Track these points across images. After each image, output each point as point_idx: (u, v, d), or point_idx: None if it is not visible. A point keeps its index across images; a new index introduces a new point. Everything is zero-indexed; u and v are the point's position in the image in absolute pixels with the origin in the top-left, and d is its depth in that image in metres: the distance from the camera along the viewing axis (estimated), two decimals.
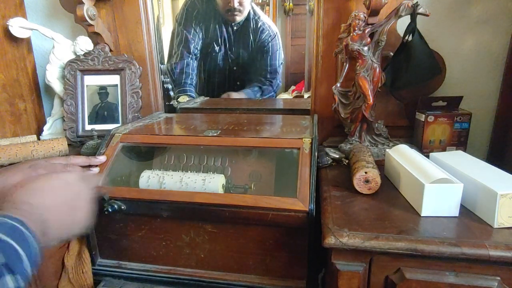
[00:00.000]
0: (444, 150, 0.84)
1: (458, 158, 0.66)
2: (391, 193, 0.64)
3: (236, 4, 1.44)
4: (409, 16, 0.78)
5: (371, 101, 0.78)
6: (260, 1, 1.87)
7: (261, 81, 1.57)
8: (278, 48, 1.57)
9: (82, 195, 0.54)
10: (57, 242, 0.48)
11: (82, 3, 0.92)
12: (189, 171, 0.76)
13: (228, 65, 1.60)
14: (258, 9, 1.55)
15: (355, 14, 0.78)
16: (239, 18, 1.50)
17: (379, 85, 0.80)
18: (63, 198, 0.51)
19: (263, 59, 1.56)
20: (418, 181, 0.56)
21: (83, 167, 0.72)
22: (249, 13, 1.51)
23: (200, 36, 1.52)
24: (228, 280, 0.69)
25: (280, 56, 1.58)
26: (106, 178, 0.73)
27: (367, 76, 0.78)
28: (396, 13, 0.77)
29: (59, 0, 1.02)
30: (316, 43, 0.92)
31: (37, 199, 0.47)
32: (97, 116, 1.01)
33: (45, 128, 1.05)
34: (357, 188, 0.64)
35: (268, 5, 1.85)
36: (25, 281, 0.38)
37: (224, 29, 1.53)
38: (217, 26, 1.52)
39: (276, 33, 1.57)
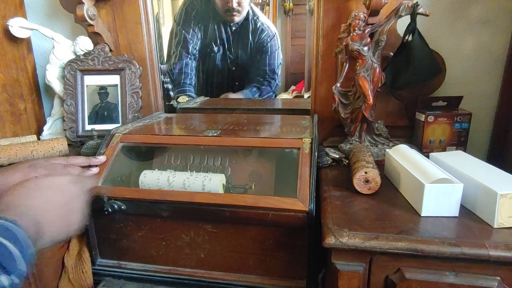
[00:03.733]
0: (444, 150, 0.84)
1: (458, 158, 0.66)
2: (391, 193, 0.64)
3: (234, 5, 1.44)
4: (409, 16, 0.78)
5: (371, 101, 0.78)
6: (260, 1, 1.87)
7: (259, 81, 1.57)
8: (277, 48, 1.57)
9: (76, 197, 0.55)
10: (51, 243, 0.49)
11: (82, 3, 0.92)
12: (189, 171, 0.76)
13: (227, 66, 1.60)
14: (257, 10, 1.55)
15: (355, 14, 0.78)
16: (238, 18, 1.50)
17: (379, 85, 0.80)
18: (57, 200, 0.51)
19: (262, 59, 1.56)
20: (418, 181, 0.56)
21: (83, 167, 0.72)
22: (248, 13, 1.51)
23: (199, 36, 1.52)
24: (228, 280, 0.69)
25: (278, 56, 1.58)
26: (106, 178, 0.73)
27: (367, 76, 0.78)
28: (396, 13, 0.77)
29: (59, 0, 1.02)
30: (316, 43, 0.92)
31: (31, 200, 0.48)
32: (97, 116, 1.01)
33: (45, 128, 1.05)
34: (357, 188, 0.64)
35: (268, 5, 1.85)
36: (20, 279, 0.38)
37: (223, 30, 1.53)
38: (216, 27, 1.52)
39: (275, 33, 1.56)
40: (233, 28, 1.53)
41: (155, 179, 0.72)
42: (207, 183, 0.70)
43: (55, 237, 0.49)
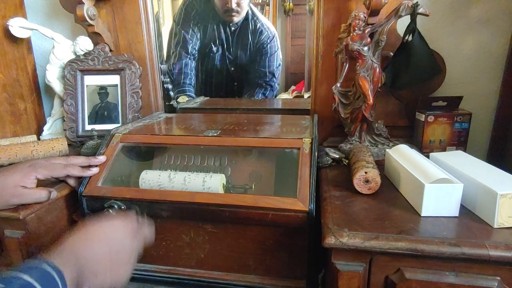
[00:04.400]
0: (444, 150, 0.84)
1: (458, 158, 0.66)
2: (391, 193, 0.64)
3: (233, 5, 1.44)
4: (409, 16, 0.78)
5: (371, 101, 0.78)
6: (260, 1, 1.87)
7: (261, 85, 1.57)
8: (276, 50, 1.57)
9: (129, 248, 0.52)
10: None
11: (82, 3, 0.92)
12: (189, 171, 0.76)
13: (226, 66, 1.60)
14: (256, 10, 1.55)
15: (355, 14, 0.78)
16: (237, 19, 1.50)
17: (379, 85, 0.80)
18: (110, 250, 0.49)
19: (261, 61, 1.56)
20: (418, 181, 0.56)
21: (83, 167, 0.72)
22: (247, 14, 1.51)
23: (198, 36, 1.52)
24: (228, 280, 0.69)
25: (278, 58, 1.58)
26: (106, 178, 0.73)
27: (367, 76, 0.78)
28: (396, 13, 0.76)
29: (59, 0, 1.02)
30: (316, 43, 0.92)
31: (85, 251, 0.46)
32: (97, 116, 1.01)
33: (45, 128, 1.05)
34: (357, 188, 0.64)
35: (268, 5, 1.85)
36: None
37: (222, 30, 1.53)
38: (215, 27, 1.52)
39: (275, 34, 1.56)
40: (232, 28, 1.53)
41: (155, 179, 0.72)
42: (207, 183, 0.70)
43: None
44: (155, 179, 0.72)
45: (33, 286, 0.37)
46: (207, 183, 0.69)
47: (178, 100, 1.27)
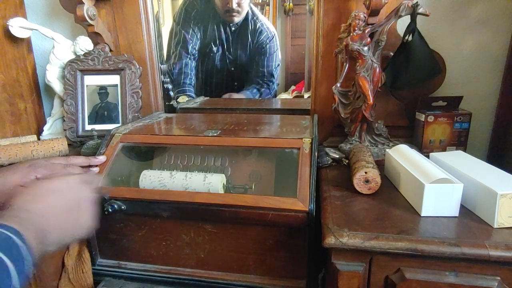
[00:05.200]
0: (444, 150, 0.84)
1: (458, 158, 0.66)
2: (391, 193, 0.64)
3: (234, 5, 1.44)
4: (409, 16, 0.78)
5: (371, 101, 0.78)
6: (260, 1, 1.87)
7: (259, 83, 1.57)
8: (275, 50, 1.57)
9: (84, 198, 0.53)
10: (58, 246, 0.47)
11: (82, 3, 0.92)
12: (189, 171, 0.76)
13: (226, 66, 1.60)
14: (256, 10, 1.55)
15: (355, 14, 0.78)
16: (237, 19, 1.50)
17: (379, 85, 0.80)
18: (64, 202, 0.50)
19: (260, 61, 1.56)
20: (418, 181, 0.56)
21: (83, 167, 0.72)
22: (247, 14, 1.51)
23: (198, 36, 1.52)
24: (228, 280, 0.69)
25: (277, 58, 1.58)
26: (106, 178, 0.73)
27: (367, 76, 0.78)
28: (396, 13, 0.77)
29: (59, 0, 1.02)
30: (316, 43, 0.92)
31: (36, 204, 0.46)
32: (97, 116, 1.01)
33: (45, 128, 1.05)
34: (357, 188, 0.64)
35: (268, 5, 1.85)
36: None
37: (222, 30, 1.53)
38: (215, 27, 1.52)
39: (274, 34, 1.57)
40: (233, 28, 1.53)
41: (155, 179, 0.72)
42: (207, 183, 0.70)
43: (62, 242, 0.48)
44: (155, 179, 0.72)
45: None
46: (207, 186, 0.69)
47: (178, 100, 1.27)
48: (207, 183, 0.70)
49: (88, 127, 0.99)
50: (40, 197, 0.48)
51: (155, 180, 0.72)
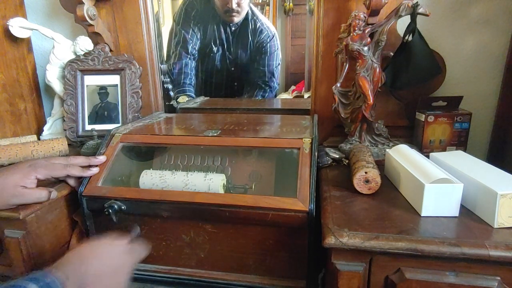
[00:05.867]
0: (444, 150, 0.84)
1: (458, 158, 0.66)
2: (391, 193, 0.64)
3: (234, 5, 1.44)
4: (409, 16, 0.78)
5: (371, 101, 0.78)
6: (260, 1, 1.87)
7: (261, 87, 1.57)
8: (276, 49, 1.57)
9: (124, 268, 0.56)
10: None
11: (82, 3, 0.92)
12: (189, 171, 0.76)
13: (226, 66, 1.60)
14: (256, 10, 1.55)
15: (355, 14, 0.78)
16: (237, 19, 1.50)
17: (379, 85, 0.80)
18: (106, 269, 0.52)
19: (261, 60, 1.56)
20: (418, 181, 0.56)
21: (83, 167, 0.72)
22: (247, 13, 1.51)
23: (198, 36, 1.52)
24: (228, 280, 0.69)
25: (278, 57, 1.58)
26: (106, 178, 0.73)
27: (367, 76, 0.78)
28: (396, 13, 0.77)
29: (59, 0, 1.02)
30: (316, 43, 0.92)
31: (83, 264, 0.49)
32: (97, 116, 1.01)
33: (45, 128, 1.05)
34: (357, 188, 0.64)
35: (268, 5, 1.85)
36: None
37: (222, 30, 1.53)
38: (215, 27, 1.52)
39: (275, 34, 1.56)
40: (233, 28, 1.53)
41: (155, 179, 0.72)
42: (207, 183, 0.70)
43: None
44: (154, 181, 0.72)
45: None
46: (207, 186, 0.70)
47: (178, 100, 1.27)
48: (206, 184, 0.70)
49: (88, 127, 0.99)
50: (90, 259, 0.51)
51: (155, 180, 0.72)
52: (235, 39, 1.55)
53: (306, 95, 1.51)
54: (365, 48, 0.77)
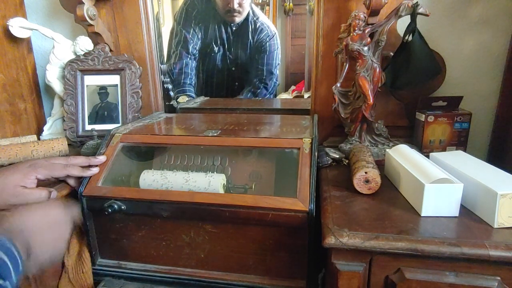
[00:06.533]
0: (444, 150, 0.84)
1: (458, 158, 0.66)
2: (391, 193, 0.64)
3: (235, 5, 1.44)
4: (409, 16, 0.78)
5: (371, 101, 0.78)
6: (260, 1, 1.87)
7: (257, 86, 1.56)
8: (275, 49, 1.56)
9: (63, 226, 0.58)
10: (35, 266, 0.52)
11: (82, 3, 0.92)
12: (189, 171, 0.76)
13: (227, 66, 1.60)
14: (257, 10, 1.55)
15: (355, 14, 0.78)
16: (238, 19, 1.50)
17: (379, 85, 0.80)
18: (49, 225, 0.55)
19: (260, 59, 1.55)
20: (418, 181, 0.56)
21: (83, 167, 0.72)
22: (248, 13, 1.51)
23: (199, 36, 1.52)
24: (228, 280, 0.69)
25: (277, 57, 1.58)
26: (106, 178, 0.73)
27: (367, 76, 0.78)
28: (396, 13, 0.77)
29: (59, 0, 1.02)
30: (316, 43, 0.92)
31: (27, 223, 0.52)
32: (97, 116, 1.01)
33: (45, 128, 1.05)
34: (357, 188, 0.64)
35: (268, 5, 1.85)
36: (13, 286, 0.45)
37: (223, 30, 1.53)
38: (216, 27, 1.52)
39: (275, 33, 1.56)
40: (233, 28, 1.53)
41: (155, 179, 0.72)
42: (207, 183, 0.70)
43: (40, 261, 0.53)
44: (154, 181, 0.72)
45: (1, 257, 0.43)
46: (207, 186, 0.70)
47: (178, 100, 1.27)
48: (207, 184, 0.70)
49: (88, 127, 0.99)
50: (32, 218, 0.54)
51: (155, 180, 0.72)
52: (235, 39, 1.55)
53: (306, 95, 1.51)
54: (365, 48, 0.77)
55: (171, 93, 1.20)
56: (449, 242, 0.48)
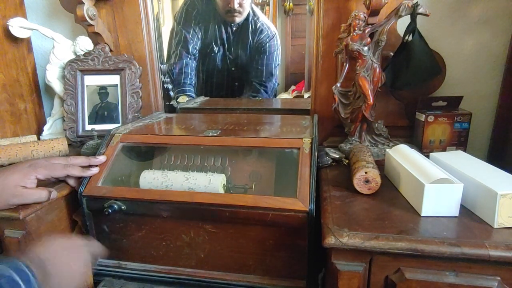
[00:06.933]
0: (444, 150, 0.84)
1: (458, 158, 0.66)
2: (391, 193, 0.64)
3: (236, 6, 1.44)
4: (409, 16, 0.78)
5: (371, 101, 0.78)
6: (260, 1, 1.87)
7: (256, 87, 1.56)
8: (276, 49, 1.56)
9: (82, 259, 0.60)
10: None
11: (82, 3, 0.92)
12: (189, 171, 0.76)
13: (227, 66, 1.60)
14: (257, 10, 1.55)
15: (355, 14, 0.78)
16: (239, 19, 1.50)
17: (379, 85, 0.80)
18: (68, 259, 0.56)
19: (260, 59, 1.55)
20: (418, 181, 0.56)
21: (83, 167, 0.72)
22: (248, 14, 1.51)
23: (199, 36, 1.52)
24: (228, 280, 0.69)
25: (277, 57, 1.58)
26: (106, 178, 0.73)
27: (367, 76, 0.78)
28: (396, 13, 0.77)
29: (59, 0, 1.02)
30: (316, 43, 0.92)
31: (42, 253, 0.53)
32: (97, 116, 1.01)
33: (45, 128, 1.05)
34: (357, 188, 0.64)
35: (268, 5, 1.85)
36: None
37: (223, 30, 1.53)
38: (216, 27, 1.52)
39: (275, 33, 1.56)
40: (234, 28, 1.53)
41: (156, 179, 0.72)
42: (207, 183, 0.70)
43: None
44: (154, 181, 0.72)
45: (8, 272, 0.45)
46: (207, 186, 0.70)
47: (178, 100, 1.27)
48: (207, 183, 0.70)
49: (88, 127, 0.99)
50: (53, 251, 0.55)
51: (155, 180, 0.72)
52: (235, 39, 1.55)
53: (306, 95, 1.50)
54: (365, 48, 0.77)
55: (171, 93, 1.20)
56: (449, 242, 0.48)
